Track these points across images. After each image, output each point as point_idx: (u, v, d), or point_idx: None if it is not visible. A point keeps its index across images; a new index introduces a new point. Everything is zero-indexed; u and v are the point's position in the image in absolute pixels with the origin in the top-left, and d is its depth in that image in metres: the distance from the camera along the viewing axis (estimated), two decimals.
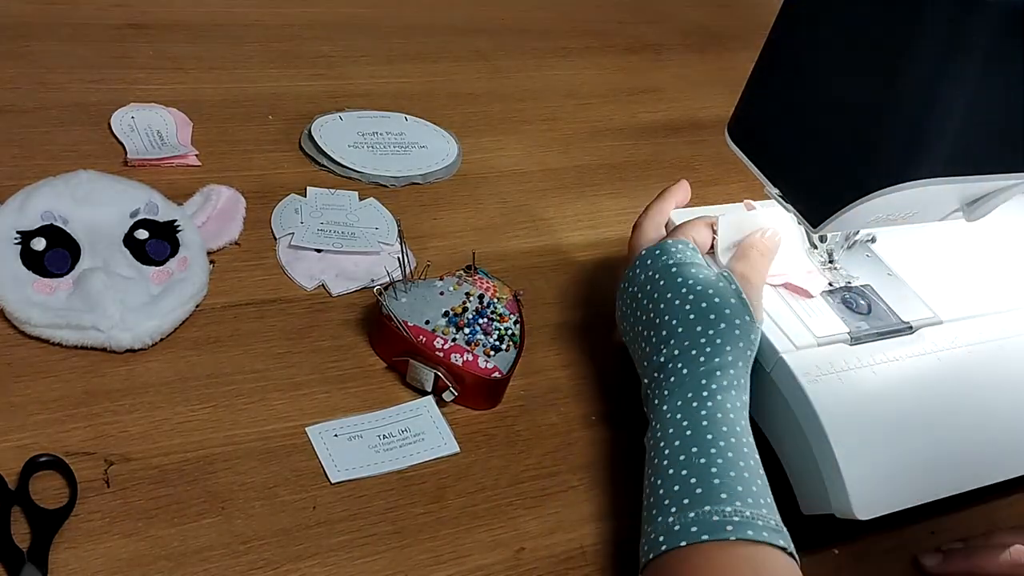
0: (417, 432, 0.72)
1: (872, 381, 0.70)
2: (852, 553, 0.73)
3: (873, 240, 0.80)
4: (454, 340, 0.74)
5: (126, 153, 0.87)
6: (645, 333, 0.70)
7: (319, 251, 0.83)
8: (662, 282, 0.70)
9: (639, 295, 0.72)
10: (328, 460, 0.68)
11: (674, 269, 0.70)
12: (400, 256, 0.77)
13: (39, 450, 0.64)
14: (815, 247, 0.77)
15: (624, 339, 0.74)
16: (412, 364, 0.73)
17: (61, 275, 0.72)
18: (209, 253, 0.79)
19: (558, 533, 0.69)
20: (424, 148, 0.98)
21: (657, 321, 0.69)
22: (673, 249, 0.72)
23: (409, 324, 0.74)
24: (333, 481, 0.67)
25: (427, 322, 0.74)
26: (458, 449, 0.72)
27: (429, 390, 0.74)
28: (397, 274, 0.77)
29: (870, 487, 0.66)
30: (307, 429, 0.70)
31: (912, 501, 0.69)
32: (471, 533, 0.67)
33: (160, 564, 0.60)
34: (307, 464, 0.68)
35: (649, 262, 0.72)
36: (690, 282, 0.69)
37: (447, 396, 0.73)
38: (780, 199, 0.69)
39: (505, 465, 0.72)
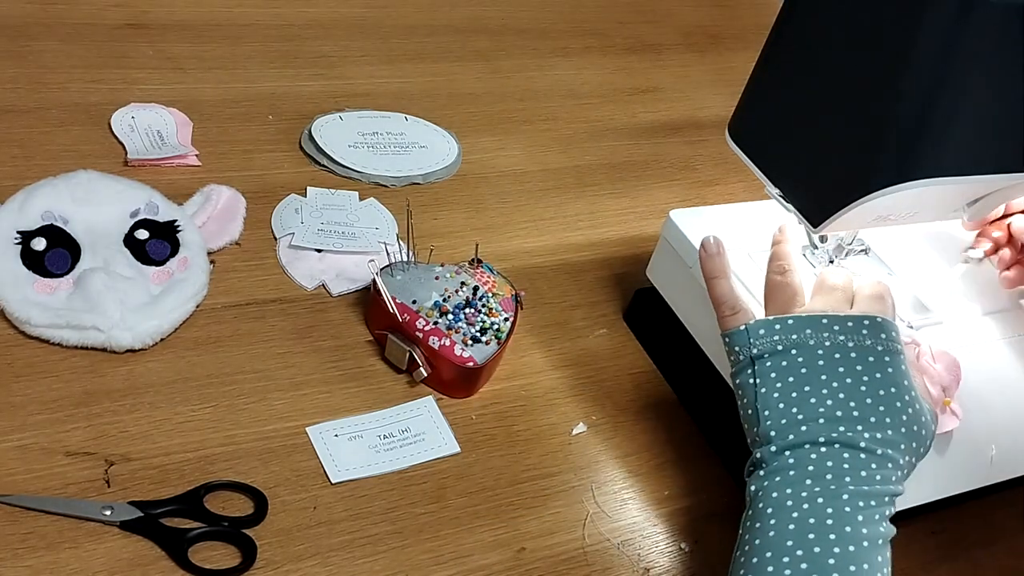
0: (417, 432, 0.72)
1: None
2: None
3: (867, 252, 0.80)
4: (436, 323, 0.74)
5: (126, 153, 0.87)
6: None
7: (319, 251, 0.83)
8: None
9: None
10: (328, 460, 0.68)
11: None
12: (406, 234, 0.78)
13: (39, 450, 0.64)
14: (816, 247, 0.77)
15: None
16: (390, 339, 0.74)
17: (61, 275, 0.72)
18: (209, 253, 0.79)
19: (558, 533, 0.69)
20: (424, 148, 0.98)
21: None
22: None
23: (396, 301, 0.74)
24: (333, 481, 0.67)
25: (414, 302, 0.75)
26: (458, 449, 0.72)
27: (403, 368, 0.75)
28: (398, 255, 0.78)
29: None
30: (307, 429, 0.70)
31: (912, 501, 0.69)
32: (472, 533, 0.67)
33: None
34: (307, 464, 0.68)
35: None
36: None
37: (418, 376, 0.74)
38: (780, 199, 0.69)
39: (505, 465, 0.72)
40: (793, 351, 0.62)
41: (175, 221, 0.78)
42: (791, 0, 0.66)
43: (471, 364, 0.74)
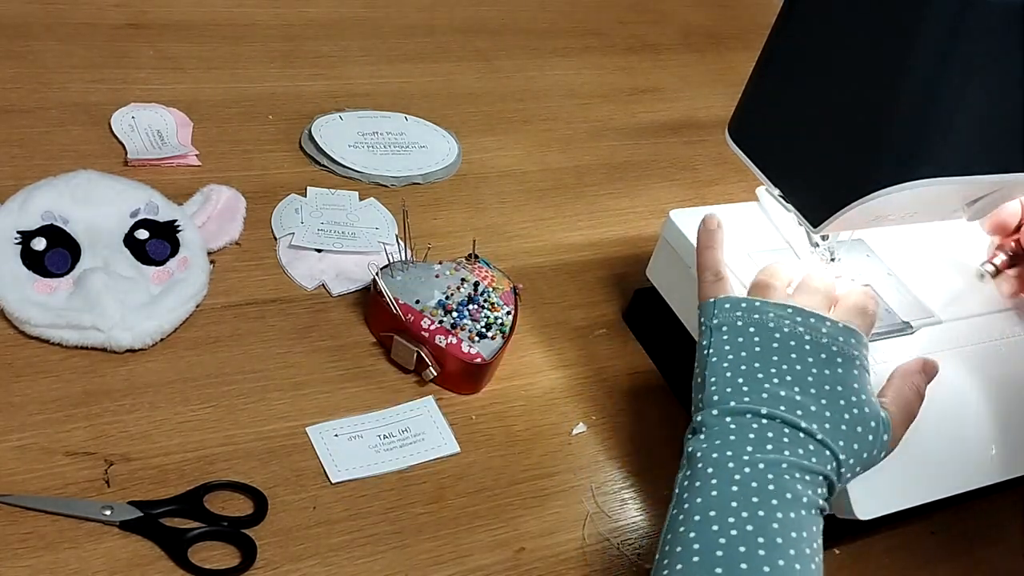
0: (417, 432, 0.72)
1: (872, 381, 0.70)
2: (852, 553, 0.73)
3: (866, 251, 0.80)
4: (440, 322, 0.74)
5: (126, 153, 0.87)
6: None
7: (319, 251, 0.84)
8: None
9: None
10: (328, 460, 0.68)
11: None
12: (403, 236, 0.78)
13: (39, 450, 0.64)
14: (816, 246, 0.77)
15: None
16: (396, 340, 0.74)
17: (61, 275, 0.72)
18: (209, 253, 0.79)
19: (558, 533, 0.69)
20: (424, 148, 0.98)
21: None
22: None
23: (400, 302, 0.74)
24: (333, 481, 0.67)
25: (417, 302, 0.75)
26: (458, 449, 0.72)
27: (411, 368, 0.75)
28: (397, 255, 0.78)
29: (870, 487, 0.66)
30: (307, 429, 0.70)
31: (912, 501, 0.69)
32: (471, 533, 0.67)
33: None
34: (307, 464, 0.68)
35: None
36: None
37: (427, 375, 0.74)
38: (780, 199, 0.69)
39: (505, 465, 0.72)
40: (751, 329, 0.63)
41: (175, 221, 0.78)
42: (791, 0, 0.66)
43: (479, 360, 0.74)
